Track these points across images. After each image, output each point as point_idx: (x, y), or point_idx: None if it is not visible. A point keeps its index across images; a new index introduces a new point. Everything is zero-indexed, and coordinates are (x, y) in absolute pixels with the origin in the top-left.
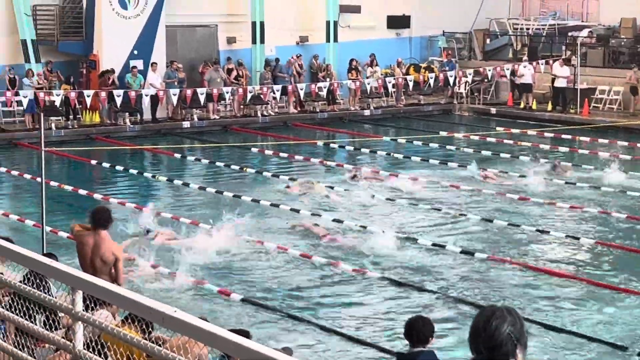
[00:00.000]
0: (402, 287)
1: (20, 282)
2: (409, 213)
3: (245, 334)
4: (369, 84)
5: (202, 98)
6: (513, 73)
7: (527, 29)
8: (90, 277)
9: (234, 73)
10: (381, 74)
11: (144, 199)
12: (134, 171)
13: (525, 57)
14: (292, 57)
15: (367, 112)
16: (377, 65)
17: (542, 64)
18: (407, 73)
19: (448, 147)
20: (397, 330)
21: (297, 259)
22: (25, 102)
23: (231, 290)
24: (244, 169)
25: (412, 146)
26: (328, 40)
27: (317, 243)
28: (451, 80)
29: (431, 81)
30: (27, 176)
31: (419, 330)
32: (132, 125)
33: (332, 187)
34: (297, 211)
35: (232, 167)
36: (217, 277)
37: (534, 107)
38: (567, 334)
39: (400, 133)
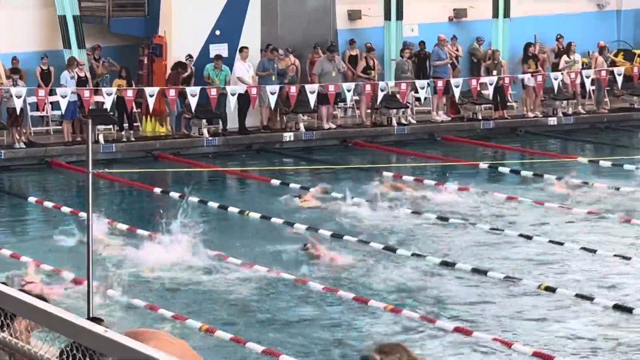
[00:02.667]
0: None
1: (58, 358)
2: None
3: None
4: (556, 79)
5: (311, 99)
6: None
7: None
8: (155, 352)
9: (362, 63)
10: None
11: (229, 245)
12: (213, 204)
13: None
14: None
15: (552, 121)
16: (574, 51)
17: None
18: (614, 64)
19: None
20: None
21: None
22: (63, 104)
23: None
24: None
25: (621, 171)
26: (495, 15)
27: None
28: None
29: None
30: (66, 209)
31: None
32: (211, 138)
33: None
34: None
35: (353, 199)
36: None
37: None
38: None
39: (604, 152)
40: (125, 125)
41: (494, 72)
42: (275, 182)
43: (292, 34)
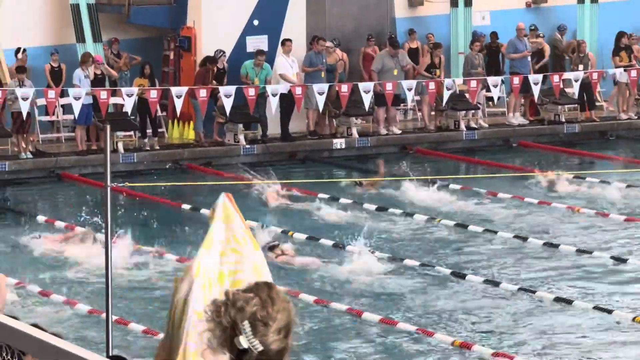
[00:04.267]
0: None
1: None
2: None
3: None
4: None
5: (366, 100)
6: None
7: None
8: None
9: (425, 60)
10: None
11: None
12: (253, 223)
13: None
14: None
15: None
16: None
17: None
18: None
19: None
20: None
21: None
22: (76, 107)
23: None
24: (438, 220)
25: None
26: (581, 0)
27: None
28: None
29: None
30: (81, 230)
31: None
32: (249, 146)
33: None
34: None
35: (416, 216)
36: None
37: None
38: None
39: None
40: (149, 131)
41: (580, 67)
42: (323, 196)
43: (341, 23)
